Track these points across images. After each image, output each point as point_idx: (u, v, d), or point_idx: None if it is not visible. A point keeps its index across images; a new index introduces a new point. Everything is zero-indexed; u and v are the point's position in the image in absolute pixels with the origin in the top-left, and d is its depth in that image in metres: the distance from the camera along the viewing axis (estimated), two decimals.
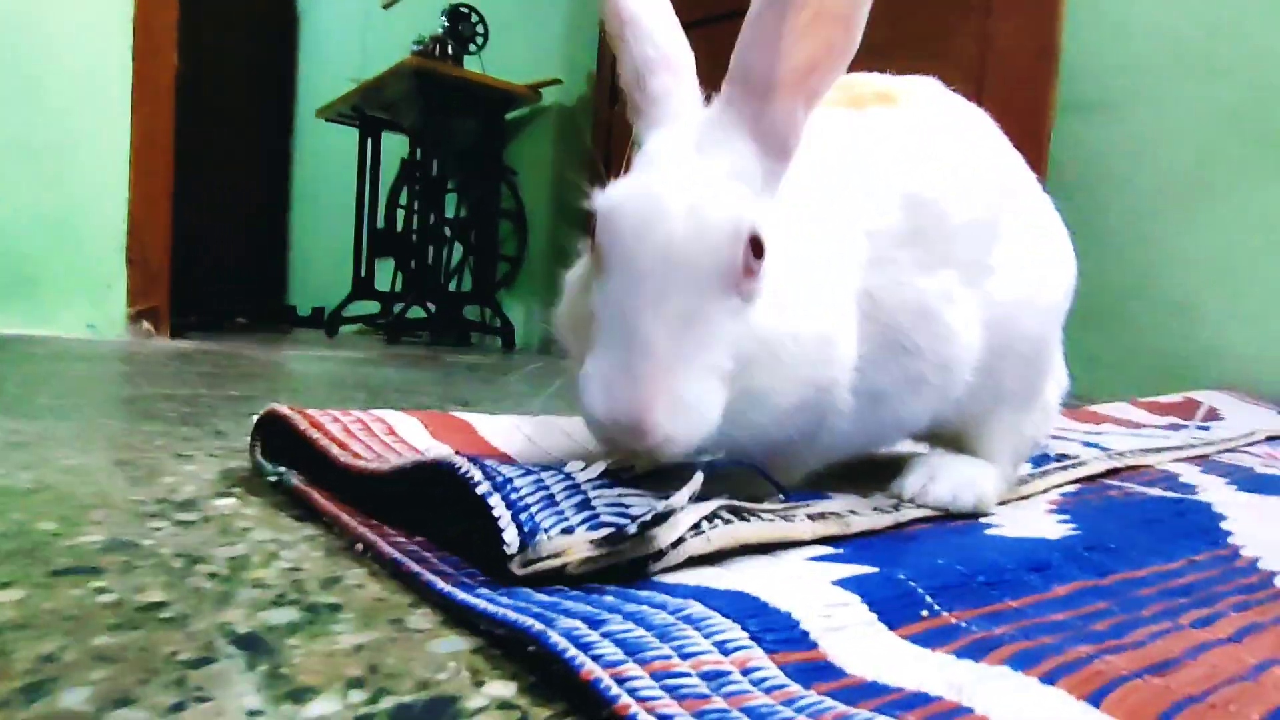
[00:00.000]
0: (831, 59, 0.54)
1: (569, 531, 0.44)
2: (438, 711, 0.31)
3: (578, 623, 0.36)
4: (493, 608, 0.38)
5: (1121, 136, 2.08)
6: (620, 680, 0.31)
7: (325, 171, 5.76)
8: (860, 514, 0.60)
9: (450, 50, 3.91)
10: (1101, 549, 0.58)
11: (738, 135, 0.54)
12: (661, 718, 0.29)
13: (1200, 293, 1.96)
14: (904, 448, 0.80)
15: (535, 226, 4.01)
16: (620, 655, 0.33)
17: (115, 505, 0.57)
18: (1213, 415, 1.56)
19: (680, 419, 0.46)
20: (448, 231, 4.01)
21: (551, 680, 0.34)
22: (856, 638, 0.39)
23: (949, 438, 0.74)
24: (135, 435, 0.86)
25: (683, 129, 0.56)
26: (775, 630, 0.37)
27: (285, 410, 0.67)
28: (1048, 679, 0.35)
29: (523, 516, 0.44)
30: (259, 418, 0.68)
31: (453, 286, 4.08)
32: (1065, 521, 0.67)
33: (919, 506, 0.66)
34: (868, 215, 0.60)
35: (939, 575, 0.48)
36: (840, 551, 0.53)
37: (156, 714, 0.29)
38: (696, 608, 0.38)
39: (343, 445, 0.63)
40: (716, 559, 0.49)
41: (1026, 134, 1.79)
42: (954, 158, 0.66)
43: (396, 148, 4.32)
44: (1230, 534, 0.67)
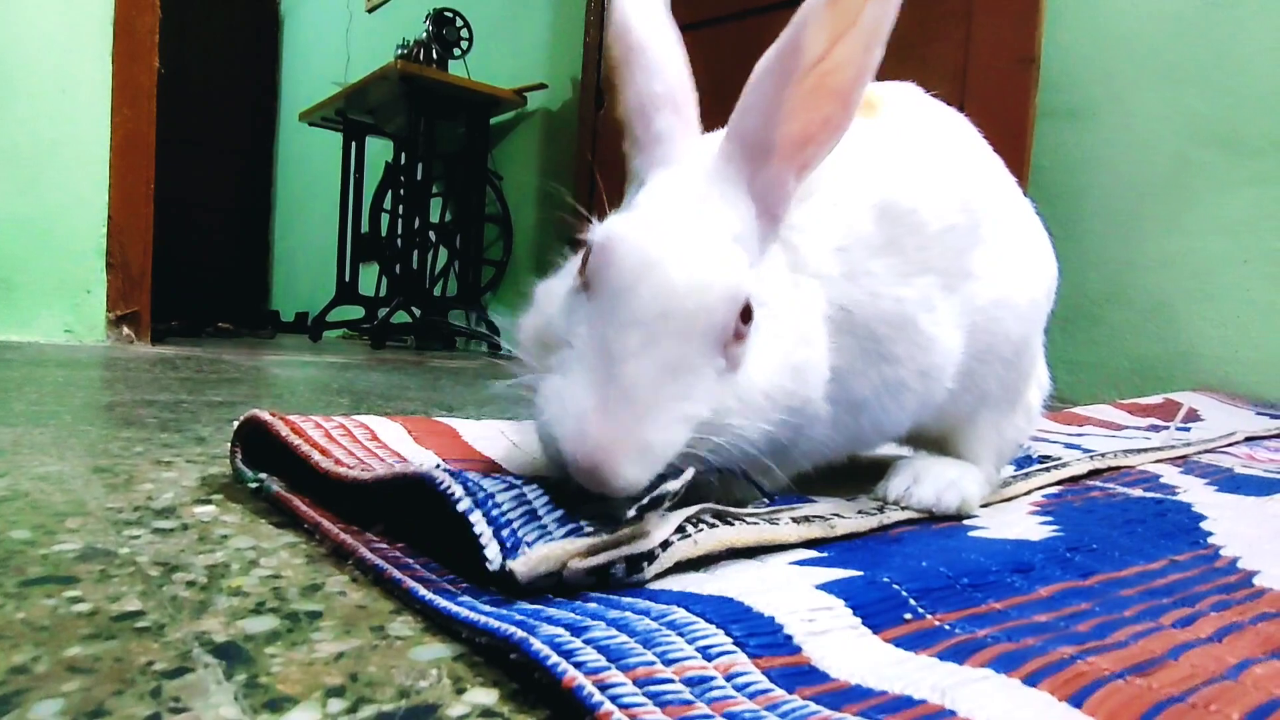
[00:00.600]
0: (827, 133, 0.55)
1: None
2: None
3: (560, 629, 0.35)
4: (474, 615, 0.38)
5: (1100, 142, 2.11)
6: (603, 687, 0.31)
7: (309, 176, 5.73)
8: (845, 517, 0.60)
9: (435, 54, 3.91)
10: (1084, 550, 0.59)
11: (736, 193, 0.55)
12: None
13: (1177, 296, 1.99)
14: (888, 450, 0.80)
15: (520, 231, 4.01)
16: (603, 662, 0.33)
17: (92, 513, 0.56)
18: (1192, 416, 1.58)
19: (641, 466, 0.46)
20: (433, 236, 4.00)
21: (534, 687, 0.33)
22: (840, 641, 0.39)
23: (932, 440, 0.75)
24: (114, 442, 0.85)
25: (686, 174, 0.56)
26: (759, 635, 0.37)
27: (266, 416, 0.66)
28: (1030, 680, 0.35)
29: (504, 533, 0.44)
30: (239, 424, 0.67)
31: (438, 291, 4.07)
32: (1048, 523, 0.67)
33: (903, 509, 0.66)
34: (838, 229, 0.60)
35: (923, 578, 0.48)
36: (825, 555, 0.53)
37: None
38: (680, 613, 0.38)
39: (324, 451, 0.62)
40: (701, 564, 0.49)
41: (1007, 139, 1.80)
42: (932, 165, 0.66)
43: (381, 152, 4.31)
44: (1211, 534, 0.67)
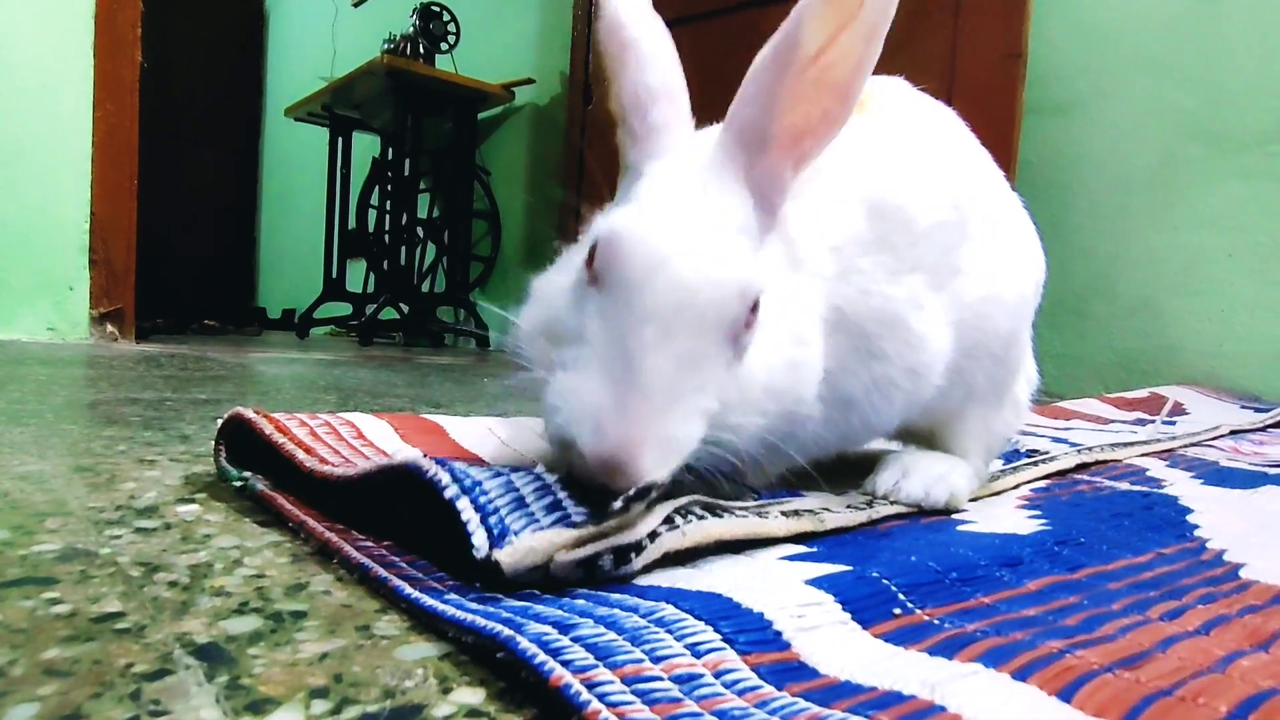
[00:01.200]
0: (825, 126, 0.55)
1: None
2: None
3: (547, 628, 0.35)
4: (461, 614, 0.37)
5: (1087, 138, 2.12)
6: (590, 685, 0.31)
7: (295, 171, 5.69)
8: (834, 511, 0.60)
9: (421, 49, 3.88)
10: (1072, 544, 0.59)
11: (736, 183, 0.54)
12: None
13: (1162, 290, 2.00)
14: (876, 445, 0.80)
15: (509, 226, 3.99)
16: (590, 660, 0.32)
17: (73, 513, 0.55)
18: (1178, 410, 1.59)
19: (663, 460, 0.46)
20: (420, 232, 3.98)
21: (521, 686, 0.33)
22: (829, 637, 0.38)
23: (921, 435, 0.75)
24: (96, 440, 0.84)
25: (684, 165, 0.55)
26: (748, 631, 0.37)
27: (250, 414, 0.65)
28: (1019, 675, 0.35)
29: (491, 520, 0.43)
30: (223, 421, 0.66)
31: (425, 287, 4.05)
32: (1036, 517, 0.68)
33: (892, 504, 0.66)
34: (833, 228, 0.60)
35: (912, 572, 0.48)
36: (814, 550, 0.53)
37: None
38: (669, 610, 0.38)
39: (309, 450, 0.61)
40: (690, 559, 0.49)
41: (995, 135, 1.80)
42: (920, 161, 0.66)
43: (368, 147, 4.28)
44: (1197, 527, 0.68)
